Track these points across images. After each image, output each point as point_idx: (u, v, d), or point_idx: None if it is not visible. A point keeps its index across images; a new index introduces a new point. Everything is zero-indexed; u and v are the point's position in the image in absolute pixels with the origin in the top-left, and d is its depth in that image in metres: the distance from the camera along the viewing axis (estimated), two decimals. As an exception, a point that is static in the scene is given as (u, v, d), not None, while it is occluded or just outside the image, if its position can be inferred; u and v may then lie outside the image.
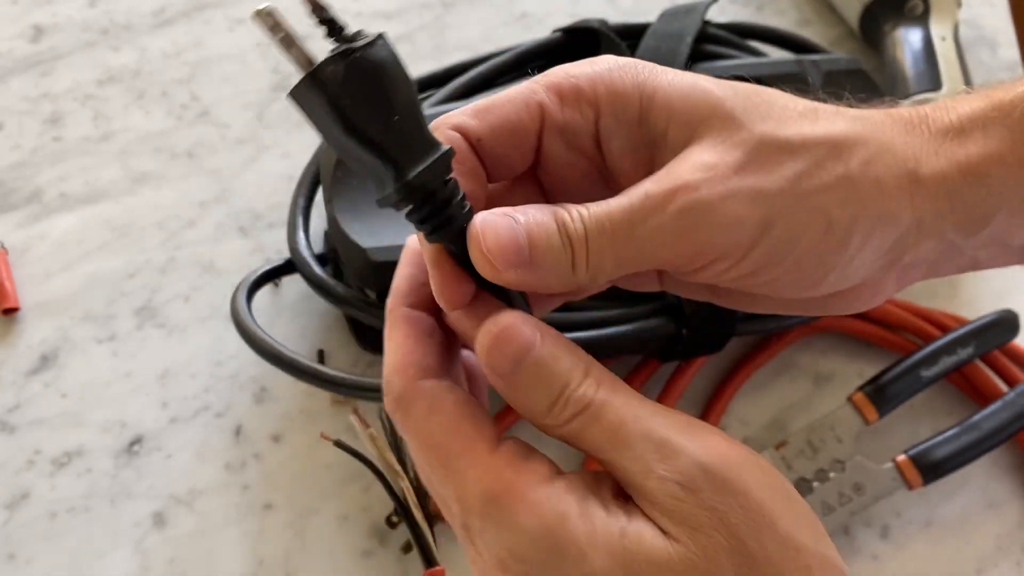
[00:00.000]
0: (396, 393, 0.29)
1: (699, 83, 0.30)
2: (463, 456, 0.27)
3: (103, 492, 0.47)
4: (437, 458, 0.28)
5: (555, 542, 0.26)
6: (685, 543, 0.25)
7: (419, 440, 0.28)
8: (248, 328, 0.45)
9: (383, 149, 0.27)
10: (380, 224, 0.45)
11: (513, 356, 0.27)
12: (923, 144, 0.30)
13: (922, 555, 0.48)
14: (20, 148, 0.57)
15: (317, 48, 0.28)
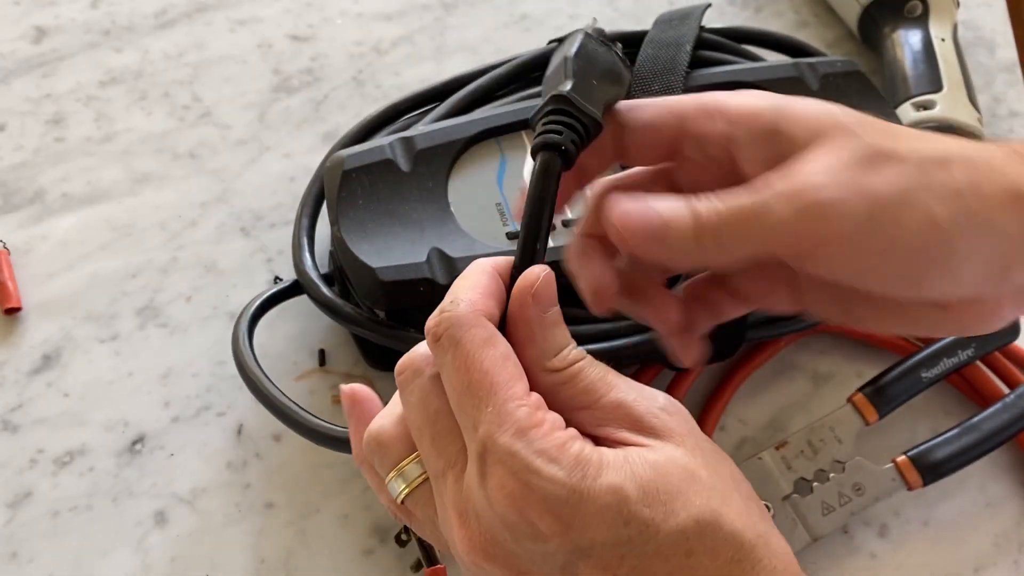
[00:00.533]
0: (460, 314, 0.31)
1: (824, 105, 0.34)
2: (507, 387, 0.30)
3: (105, 491, 0.47)
4: (481, 382, 0.30)
5: (578, 466, 0.29)
6: (672, 447, 0.31)
7: (468, 362, 0.31)
8: (247, 365, 0.45)
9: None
10: (388, 243, 0.45)
11: (552, 299, 0.32)
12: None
13: (920, 554, 0.48)
14: (22, 149, 0.57)
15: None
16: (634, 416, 0.32)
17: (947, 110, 0.57)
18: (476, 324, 0.31)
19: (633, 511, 0.29)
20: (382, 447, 0.34)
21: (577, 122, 0.32)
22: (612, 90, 0.34)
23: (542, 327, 0.32)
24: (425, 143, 0.47)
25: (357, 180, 0.46)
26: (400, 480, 0.34)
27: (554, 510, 0.29)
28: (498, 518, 0.30)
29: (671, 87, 0.49)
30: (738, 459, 0.50)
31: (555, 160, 0.32)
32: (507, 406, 0.30)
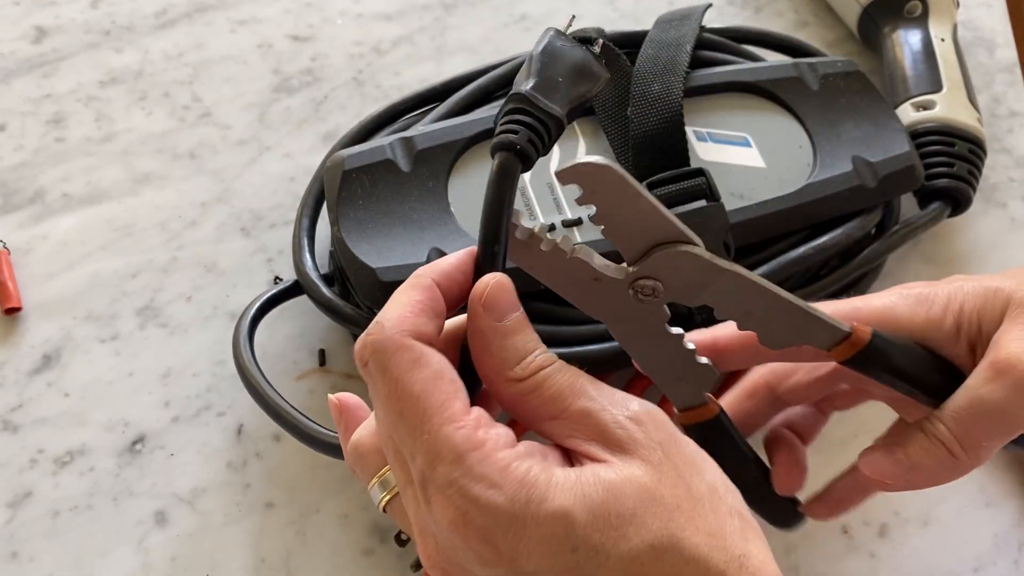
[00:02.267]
0: (384, 337, 0.30)
1: (992, 286, 0.37)
2: (441, 410, 0.29)
3: (105, 491, 0.47)
4: (413, 409, 0.29)
5: (522, 490, 0.28)
6: (634, 464, 0.29)
7: (397, 389, 0.29)
8: (247, 369, 0.45)
9: None
10: (388, 244, 0.45)
11: (508, 305, 0.31)
12: None
13: (920, 553, 0.48)
14: (23, 149, 0.57)
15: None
16: (600, 427, 0.30)
17: (947, 110, 0.57)
18: (401, 346, 0.30)
19: (581, 536, 0.28)
20: (361, 457, 0.34)
21: (536, 120, 0.32)
22: (581, 87, 0.34)
23: (498, 336, 0.31)
24: (425, 143, 0.47)
25: (357, 180, 0.46)
26: (380, 488, 0.33)
27: (493, 540, 0.28)
28: (447, 541, 0.29)
29: (671, 87, 0.49)
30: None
31: (512, 160, 0.31)
32: (442, 431, 0.28)
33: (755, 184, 0.50)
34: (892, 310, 0.38)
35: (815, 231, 0.50)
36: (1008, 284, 0.37)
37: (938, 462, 0.36)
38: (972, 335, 0.37)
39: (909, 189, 0.53)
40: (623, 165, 0.48)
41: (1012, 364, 0.35)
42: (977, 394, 0.35)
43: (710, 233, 0.46)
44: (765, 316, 0.35)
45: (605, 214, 0.31)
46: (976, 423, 0.35)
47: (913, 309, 0.38)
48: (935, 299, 0.38)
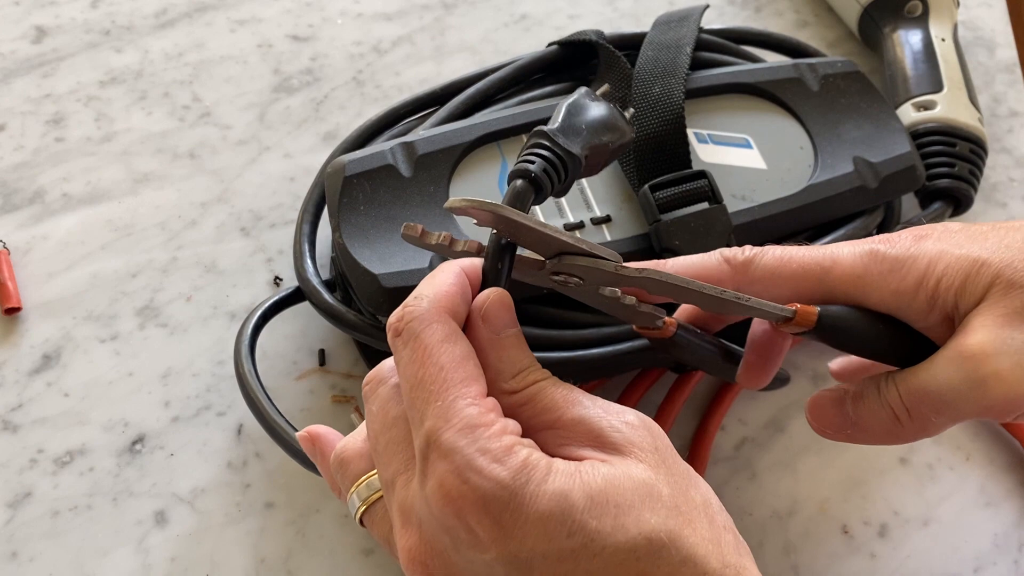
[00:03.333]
0: (422, 310, 0.31)
1: (978, 258, 0.35)
2: (460, 385, 0.30)
3: (105, 491, 0.47)
4: (435, 377, 0.30)
5: (524, 470, 0.28)
6: (632, 462, 0.30)
7: (424, 356, 0.30)
8: (247, 381, 0.45)
9: None
10: (390, 249, 0.45)
11: (506, 320, 0.32)
12: None
13: (920, 553, 0.48)
14: (23, 149, 0.57)
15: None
16: (595, 431, 0.31)
17: (947, 110, 0.57)
18: (438, 320, 0.31)
19: (578, 521, 0.28)
20: (343, 464, 0.34)
21: (553, 155, 0.34)
22: (604, 136, 0.37)
23: (494, 348, 0.31)
24: (426, 148, 0.47)
25: (358, 186, 0.46)
26: (356, 498, 0.33)
27: (492, 512, 0.28)
28: (437, 522, 0.29)
29: (672, 90, 0.49)
30: (736, 463, 0.51)
31: (525, 187, 0.33)
32: (457, 403, 0.29)
33: (757, 186, 0.50)
34: (862, 280, 0.36)
35: (817, 232, 0.50)
36: (997, 257, 0.34)
37: (882, 425, 0.35)
38: (947, 309, 0.35)
39: (910, 189, 0.53)
40: (624, 167, 0.48)
41: (976, 354, 0.33)
42: (936, 374, 0.34)
43: (713, 236, 0.46)
44: (701, 302, 0.35)
45: (506, 234, 0.33)
46: (928, 400, 0.34)
47: (884, 279, 0.35)
48: (910, 269, 0.35)
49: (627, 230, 0.47)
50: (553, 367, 0.45)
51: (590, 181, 0.48)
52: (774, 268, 0.36)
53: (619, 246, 0.47)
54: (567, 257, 0.33)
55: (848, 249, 0.36)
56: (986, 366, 0.33)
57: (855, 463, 0.50)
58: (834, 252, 0.36)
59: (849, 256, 0.36)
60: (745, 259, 0.37)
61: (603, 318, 0.46)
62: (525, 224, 0.31)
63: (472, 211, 0.31)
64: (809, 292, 0.36)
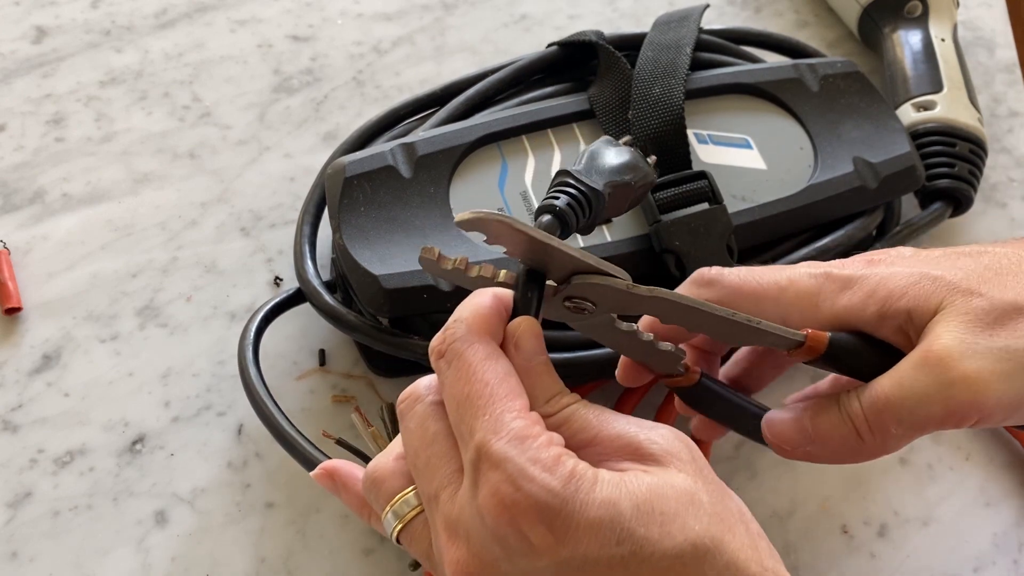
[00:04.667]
0: (464, 331, 0.32)
1: (930, 273, 0.35)
2: (506, 399, 0.31)
3: (105, 491, 0.47)
4: (481, 392, 0.31)
5: (572, 479, 0.29)
6: (672, 472, 0.30)
7: (470, 374, 0.31)
8: (252, 385, 0.45)
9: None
10: (390, 250, 0.45)
11: (536, 348, 0.33)
12: None
13: (920, 553, 0.49)
14: (23, 149, 0.57)
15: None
16: (633, 444, 0.31)
17: (947, 110, 0.57)
18: (479, 340, 0.32)
19: (627, 528, 0.29)
20: (376, 483, 0.34)
21: (576, 191, 0.35)
22: (626, 175, 0.38)
23: (527, 375, 0.32)
24: (426, 149, 0.47)
25: (359, 187, 0.46)
26: (393, 516, 0.34)
27: (546, 519, 0.28)
28: (489, 532, 0.29)
29: (672, 90, 0.49)
30: (737, 463, 0.51)
31: (552, 223, 0.35)
32: (505, 416, 0.30)
33: (757, 186, 0.50)
34: (816, 297, 0.36)
35: (817, 233, 0.50)
36: (950, 274, 0.35)
37: (842, 439, 0.35)
38: (900, 320, 0.35)
39: (910, 190, 0.53)
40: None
41: (943, 358, 0.33)
42: (902, 381, 0.34)
43: (713, 236, 0.46)
44: (710, 328, 0.35)
45: (515, 254, 0.33)
46: (891, 409, 0.34)
47: (836, 295, 0.36)
48: (861, 285, 0.36)
49: (627, 231, 0.47)
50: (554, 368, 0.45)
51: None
52: (736, 286, 0.37)
53: (619, 247, 0.47)
54: (578, 277, 0.33)
55: (804, 270, 0.37)
56: (953, 369, 0.33)
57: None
58: (791, 272, 0.37)
59: (805, 276, 0.37)
60: (710, 277, 0.38)
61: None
62: (534, 238, 0.32)
63: (481, 225, 0.31)
64: (768, 310, 0.37)
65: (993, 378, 0.32)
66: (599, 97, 0.50)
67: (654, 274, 0.46)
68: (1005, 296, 0.34)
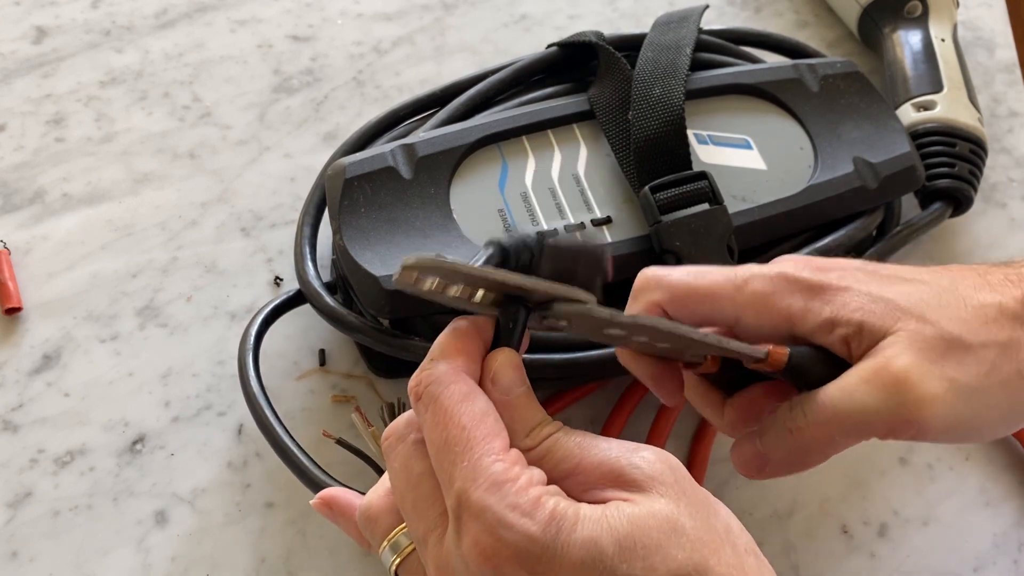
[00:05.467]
0: (439, 371, 0.32)
1: (880, 295, 0.36)
2: (484, 442, 0.30)
3: (106, 491, 0.47)
4: (459, 437, 0.31)
5: (553, 521, 0.29)
6: (654, 498, 0.30)
7: (447, 418, 0.31)
8: (251, 389, 0.45)
9: None
10: (391, 251, 0.45)
11: (515, 380, 0.33)
12: None
13: (920, 553, 0.49)
14: (23, 149, 0.57)
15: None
16: (616, 470, 0.31)
17: (947, 111, 0.57)
18: (455, 380, 0.32)
19: (609, 567, 0.29)
20: (371, 521, 0.35)
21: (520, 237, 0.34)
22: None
23: (507, 409, 0.32)
24: (426, 150, 0.47)
25: (359, 188, 0.46)
26: (391, 551, 0.34)
27: (528, 566, 0.29)
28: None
29: (672, 91, 0.49)
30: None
31: (494, 252, 0.33)
32: (482, 461, 0.30)
33: (757, 186, 0.50)
34: (769, 298, 0.37)
35: (817, 233, 0.50)
36: (904, 300, 0.36)
37: (787, 452, 0.36)
38: (848, 332, 0.36)
39: (910, 189, 0.53)
40: (625, 169, 0.48)
41: (901, 378, 0.34)
42: (853, 394, 0.34)
43: (713, 237, 0.46)
44: (680, 344, 0.35)
45: (481, 288, 0.32)
46: (840, 420, 0.34)
47: (790, 296, 0.37)
48: (815, 291, 0.37)
49: (628, 231, 0.47)
50: (554, 369, 0.45)
51: (590, 182, 0.48)
52: (688, 285, 0.38)
53: (620, 247, 0.47)
54: (555, 304, 0.32)
55: (758, 271, 0.38)
56: (910, 391, 0.34)
57: (855, 463, 0.50)
58: (744, 272, 0.38)
59: (759, 276, 0.37)
60: (656, 278, 0.38)
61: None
62: (473, 274, 0.31)
63: (417, 275, 0.30)
64: (723, 309, 0.38)
65: (940, 403, 0.34)
66: (599, 98, 0.50)
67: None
68: (951, 329, 0.35)
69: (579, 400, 0.50)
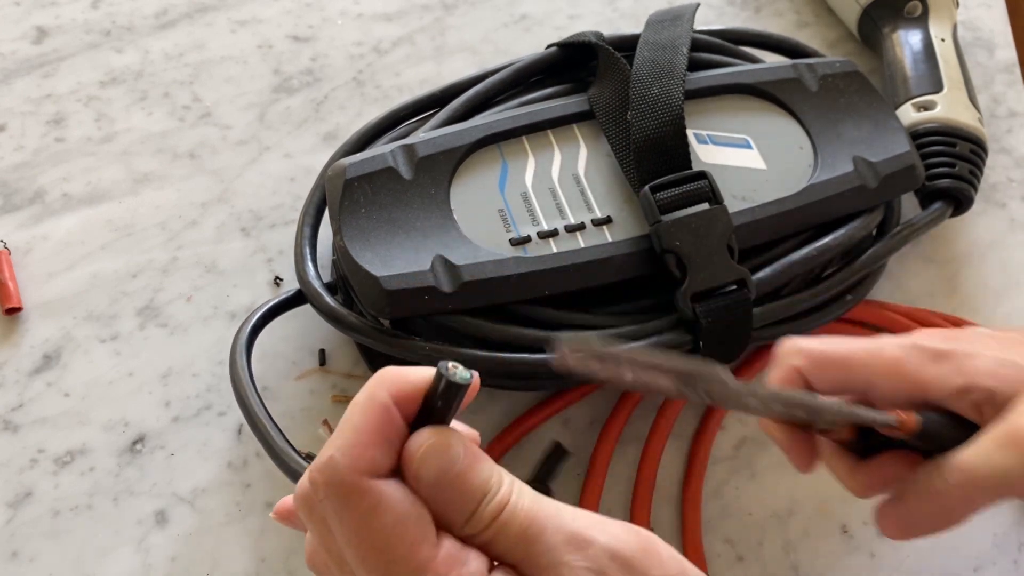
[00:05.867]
0: (338, 480, 0.28)
1: (1010, 360, 0.37)
2: (407, 561, 0.27)
3: (106, 490, 0.47)
4: (377, 559, 0.28)
5: None
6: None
7: (357, 537, 0.28)
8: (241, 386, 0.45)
9: None
10: (391, 252, 0.45)
11: (447, 462, 0.28)
12: None
13: (920, 553, 0.49)
14: (23, 149, 0.57)
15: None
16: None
17: (948, 111, 0.57)
18: (356, 490, 0.28)
19: None
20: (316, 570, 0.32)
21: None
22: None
23: (437, 501, 0.28)
24: (427, 150, 0.47)
25: (359, 189, 0.46)
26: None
27: None
28: None
29: (671, 90, 0.49)
30: (736, 463, 0.51)
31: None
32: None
33: (757, 186, 0.50)
34: (902, 365, 0.38)
35: (818, 232, 0.50)
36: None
37: (931, 515, 0.37)
38: (980, 398, 0.37)
39: (910, 188, 0.53)
40: (625, 169, 0.48)
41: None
42: (987, 457, 0.35)
43: (713, 236, 0.46)
44: (814, 413, 0.36)
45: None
46: (979, 484, 0.35)
47: (923, 366, 0.38)
48: (948, 358, 0.38)
49: (628, 231, 0.47)
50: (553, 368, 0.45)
51: (591, 182, 0.49)
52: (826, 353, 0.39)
53: (620, 247, 0.47)
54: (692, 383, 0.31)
55: (891, 340, 0.39)
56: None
57: (855, 463, 0.50)
58: (879, 341, 0.39)
59: (893, 345, 0.39)
60: (799, 347, 0.40)
61: (603, 319, 0.47)
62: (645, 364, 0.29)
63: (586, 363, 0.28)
64: (857, 375, 0.39)
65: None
66: (599, 98, 0.50)
67: (655, 274, 0.47)
68: None
69: (579, 400, 0.50)
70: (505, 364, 0.44)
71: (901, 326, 0.54)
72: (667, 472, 0.50)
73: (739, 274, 0.46)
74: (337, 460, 0.28)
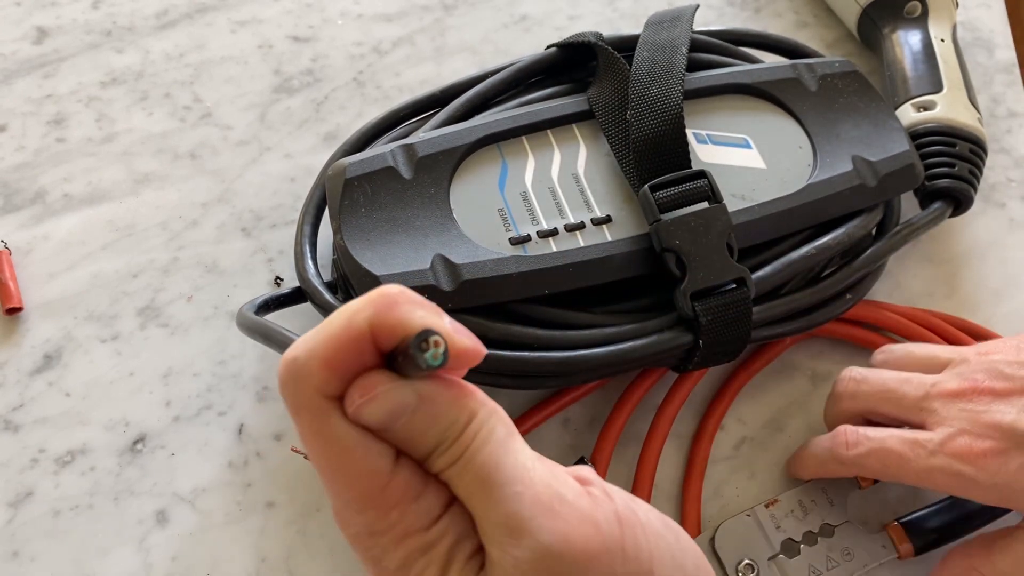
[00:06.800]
0: (293, 391, 0.27)
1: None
2: (355, 484, 0.27)
3: (106, 490, 0.47)
4: (324, 472, 0.28)
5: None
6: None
7: (307, 444, 0.28)
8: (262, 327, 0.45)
9: None
10: (391, 251, 0.45)
11: (377, 420, 0.27)
12: None
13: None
14: (24, 149, 0.57)
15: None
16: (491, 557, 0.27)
17: (947, 111, 0.57)
18: (305, 406, 0.27)
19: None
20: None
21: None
22: None
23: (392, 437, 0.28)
24: (426, 150, 0.47)
25: (359, 188, 0.46)
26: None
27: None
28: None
29: (670, 90, 0.49)
30: (736, 462, 0.51)
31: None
32: (345, 516, 0.28)
33: (756, 185, 0.50)
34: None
35: (817, 231, 0.51)
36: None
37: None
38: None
39: (909, 188, 0.53)
40: (624, 168, 0.49)
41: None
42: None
43: (713, 235, 0.46)
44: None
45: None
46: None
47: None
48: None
49: (628, 230, 0.47)
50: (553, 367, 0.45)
51: (590, 182, 0.49)
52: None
53: (619, 246, 0.47)
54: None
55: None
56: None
57: (854, 462, 0.50)
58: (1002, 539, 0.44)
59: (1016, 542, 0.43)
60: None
61: (603, 318, 0.47)
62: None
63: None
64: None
65: None
66: (598, 98, 0.50)
67: (655, 273, 0.47)
68: None
69: (579, 400, 0.50)
70: (505, 363, 0.44)
71: (900, 326, 0.54)
72: (667, 472, 0.50)
73: (738, 273, 0.46)
74: (297, 368, 0.27)
